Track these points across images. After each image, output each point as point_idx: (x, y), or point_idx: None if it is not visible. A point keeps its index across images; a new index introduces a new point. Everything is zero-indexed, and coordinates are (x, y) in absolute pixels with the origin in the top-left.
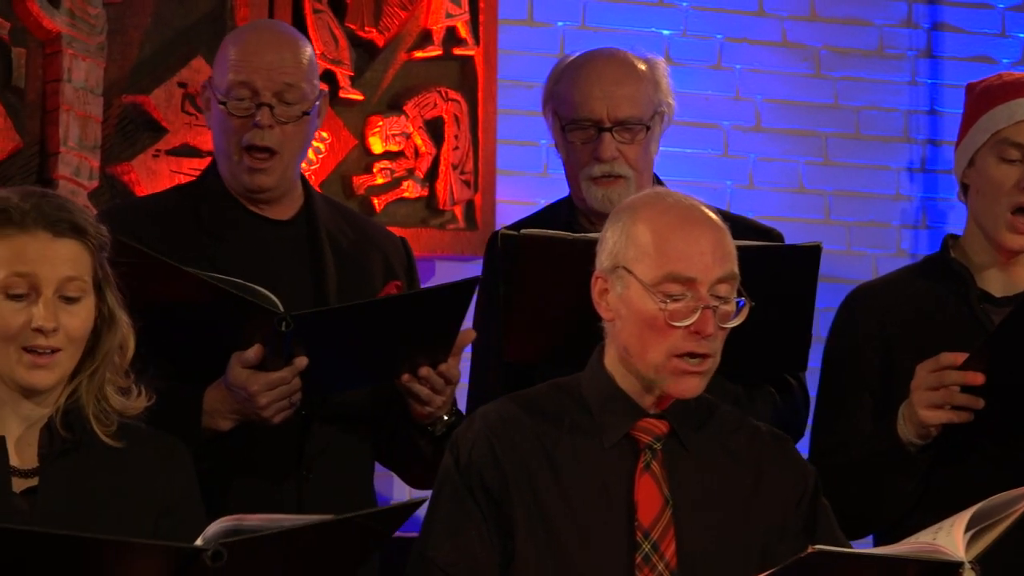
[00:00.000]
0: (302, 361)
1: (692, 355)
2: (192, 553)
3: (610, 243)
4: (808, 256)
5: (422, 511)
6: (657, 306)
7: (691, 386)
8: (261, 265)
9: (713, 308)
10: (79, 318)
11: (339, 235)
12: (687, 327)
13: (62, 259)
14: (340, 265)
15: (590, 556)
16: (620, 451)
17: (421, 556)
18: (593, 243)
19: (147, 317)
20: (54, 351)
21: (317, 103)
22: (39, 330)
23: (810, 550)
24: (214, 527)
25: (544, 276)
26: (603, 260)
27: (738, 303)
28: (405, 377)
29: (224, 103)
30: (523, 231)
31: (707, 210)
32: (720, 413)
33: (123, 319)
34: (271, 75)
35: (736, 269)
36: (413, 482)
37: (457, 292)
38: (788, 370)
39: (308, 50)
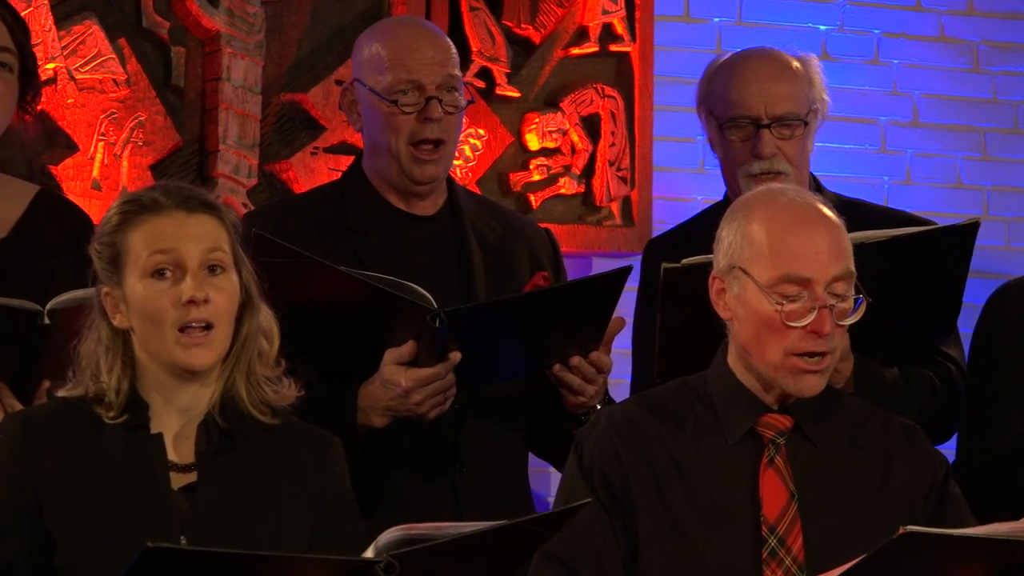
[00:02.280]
0: (456, 356)
1: (811, 354)
2: (364, 565)
3: (726, 243)
4: (966, 233)
5: None
6: (773, 307)
7: (810, 384)
8: (407, 261)
9: (830, 307)
10: (226, 292)
11: (484, 228)
12: (804, 327)
13: (200, 233)
14: (486, 258)
15: (716, 552)
16: (744, 447)
17: (546, 553)
18: None
19: (298, 316)
20: (208, 327)
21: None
22: (191, 301)
23: (901, 531)
24: (385, 537)
25: (701, 299)
26: (719, 260)
27: (856, 300)
28: (556, 367)
29: (394, 101)
30: (685, 262)
31: (822, 207)
32: (847, 404)
33: (264, 306)
34: (435, 68)
35: (852, 266)
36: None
37: (608, 283)
38: (935, 337)
39: (451, 42)
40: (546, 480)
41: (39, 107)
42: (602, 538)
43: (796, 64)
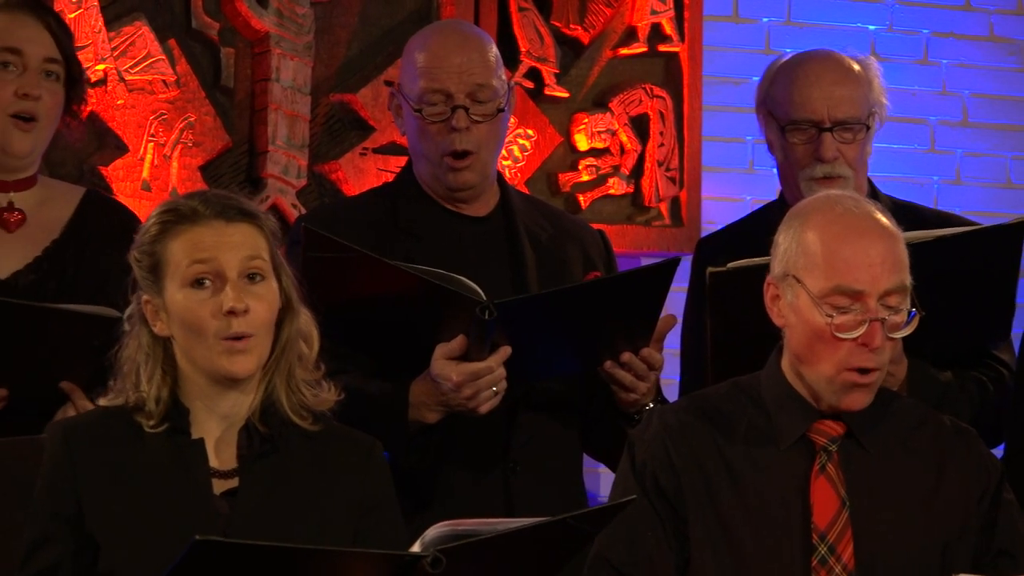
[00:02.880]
0: (506, 350)
1: (861, 369)
2: (411, 560)
3: (782, 249)
4: (1015, 233)
5: None
6: (824, 319)
7: (858, 400)
8: (460, 263)
9: (881, 320)
10: (266, 300)
11: (537, 229)
12: (854, 339)
13: (239, 242)
14: (539, 259)
15: (765, 558)
16: (796, 453)
17: (598, 556)
18: None
19: (348, 312)
20: (249, 336)
21: (508, 97)
22: (231, 312)
23: None
24: (431, 533)
25: (750, 302)
26: (775, 266)
27: (910, 313)
28: (607, 364)
29: (419, 110)
30: (731, 266)
31: (880, 217)
32: (900, 406)
33: (303, 310)
34: (462, 77)
35: (907, 279)
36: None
37: (657, 274)
38: (989, 340)
39: (492, 46)
40: (596, 480)
41: (89, 108)
42: (655, 543)
43: (857, 67)
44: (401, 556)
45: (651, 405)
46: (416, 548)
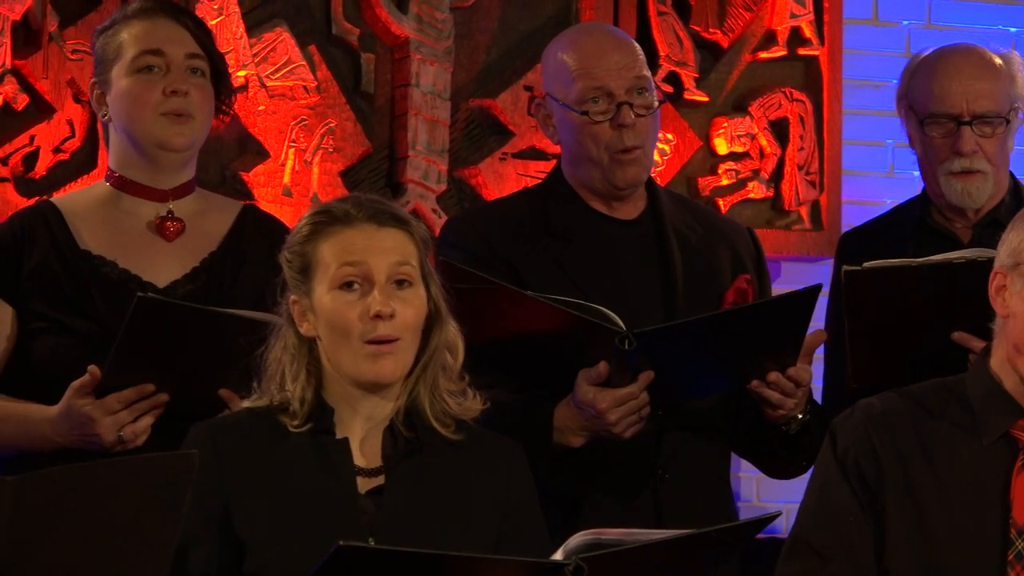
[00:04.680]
0: (649, 375)
1: None
2: (553, 567)
3: (1014, 240)
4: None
5: None
6: None
7: None
8: (608, 265)
9: None
10: (413, 306)
11: (686, 231)
12: None
13: (389, 247)
14: (687, 262)
15: (961, 551)
16: (998, 449)
17: (796, 539)
18: (938, 268)
19: (487, 340)
20: (395, 341)
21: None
22: (378, 316)
23: None
24: (574, 541)
25: (889, 304)
26: (1003, 256)
27: None
28: (754, 383)
29: (585, 112)
30: (867, 265)
31: None
32: None
33: (451, 320)
34: (621, 73)
35: None
36: (770, 473)
37: (799, 301)
38: None
39: (637, 45)
40: (738, 483)
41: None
42: (855, 527)
43: (998, 61)
44: (543, 563)
45: (800, 416)
46: (558, 556)
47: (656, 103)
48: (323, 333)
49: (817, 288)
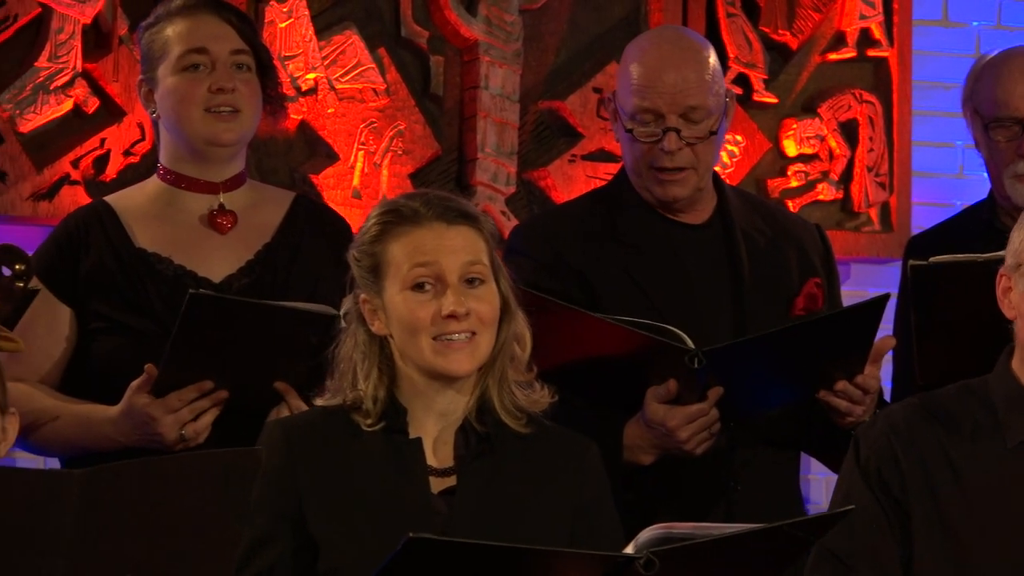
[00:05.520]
0: (717, 392)
1: None
2: (624, 561)
3: (1016, 242)
4: None
5: None
6: None
7: None
8: (677, 272)
9: None
10: (487, 302)
11: (755, 234)
12: None
13: (459, 246)
14: (756, 266)
15: (990, 556)
16: (1023, 452)
17: (821, 548)
18: (1003, 263)
19: (558, 363)
20: (471, 335)
21: (724, 110)
22: (451, 316)
23: None
24: (645, 535)
25: (956, 299)
26: (1008, 258)
27: None
28: (822, 393)
29: (630, 130)
30: (933, 260)
31: None
32: None
33: (519, 311)
34: (675, 98)
35: None
36: None
37: (868, 311)
38: None
39: (711, 61)
40: (808, 486)
41: (301, 117)
42: (880, 535)
43: None
44: (614, 557)
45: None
46: (630, 549)
47: (710, 133)
48: (395, 332)
49: (886, 297)
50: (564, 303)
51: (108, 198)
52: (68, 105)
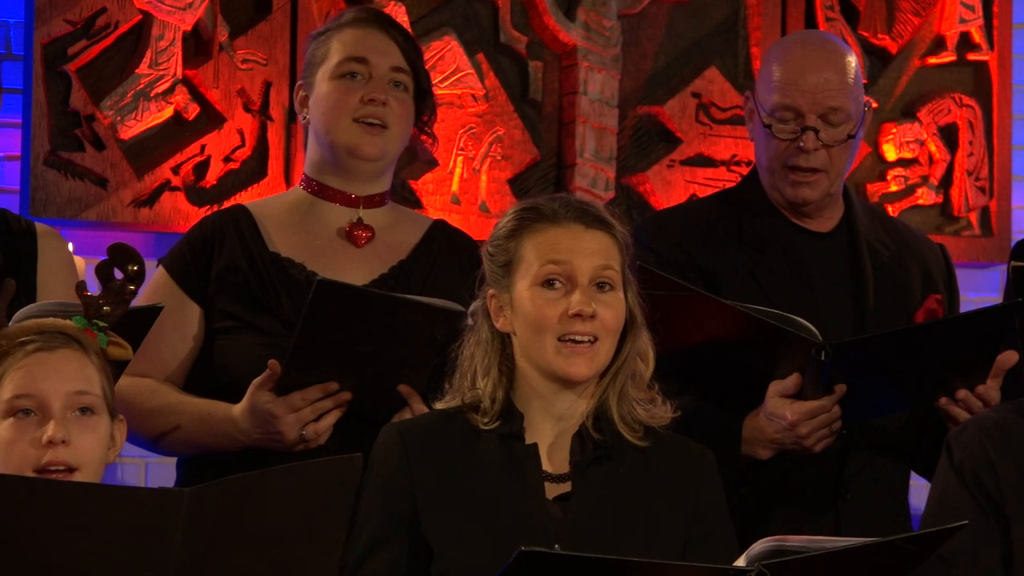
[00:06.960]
0: (841, 388)
1: None
2: (735, 574)
3: None
4: None
5: None
6: None
7: None
8: (801, 279)
9: None
10: (614, 309)
11: (879, 246)
12: None
13: (594, 249)
14: (879, 278)
15: None
16: None
17: None
18: None
19: (678, 346)
20: (592, 341)
21: (862, 118)
22: (578, 315)
23: None
24: (758, 547)
25: None
26: None
27: None
28: (943, 401)
29: (769, 126)
30: None
31: None
32: None
33: (645, 328)
34: (816, 98)
35: None
36: None
37: (997, 316)
38: None
39: (853, 66)
40: (919, 492)
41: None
42: (979, 533)
43: None
44: (726, 570)
45: None
46: (741, 562)
47: (849, 136)
48: (519, 328)
49: (1017, 304)
50: (697, 288)
51: (247, 203)
52: (168, 112)
